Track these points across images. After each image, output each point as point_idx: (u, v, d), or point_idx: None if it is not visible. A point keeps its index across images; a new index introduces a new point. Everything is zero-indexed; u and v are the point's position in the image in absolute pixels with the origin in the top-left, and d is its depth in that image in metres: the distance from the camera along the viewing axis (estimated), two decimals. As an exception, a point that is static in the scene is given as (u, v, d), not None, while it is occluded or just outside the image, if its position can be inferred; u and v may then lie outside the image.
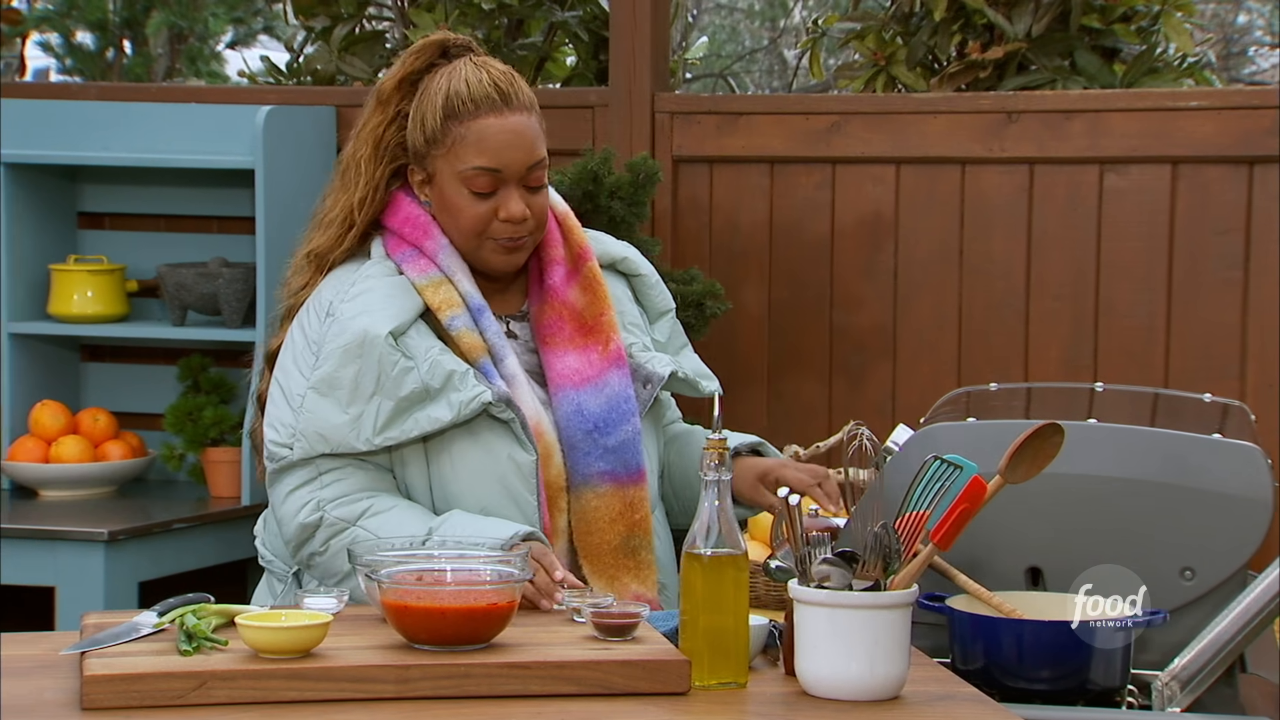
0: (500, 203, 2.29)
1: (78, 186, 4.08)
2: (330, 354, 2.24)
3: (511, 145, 2.28)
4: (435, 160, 2.30)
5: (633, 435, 2.29)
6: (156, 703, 1.86)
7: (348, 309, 2.26)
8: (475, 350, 2.27)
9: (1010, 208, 3.70)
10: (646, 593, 2.30)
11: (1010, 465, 2.07)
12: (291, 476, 2.27)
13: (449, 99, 2.28)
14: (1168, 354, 3.62)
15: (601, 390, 2.30)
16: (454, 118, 2.28)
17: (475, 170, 2.28)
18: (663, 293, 2.47)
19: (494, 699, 1.90)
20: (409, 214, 2.33)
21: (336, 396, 2.23)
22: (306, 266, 2.36)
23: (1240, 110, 3.57)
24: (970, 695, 1.97)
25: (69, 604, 3.52)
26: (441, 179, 2.30)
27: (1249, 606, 2.21)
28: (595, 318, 2.34)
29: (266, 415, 2.30)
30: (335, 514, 2.24)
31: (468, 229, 2.30)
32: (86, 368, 4.11)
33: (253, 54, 7.56)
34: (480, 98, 2.28)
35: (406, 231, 2.32)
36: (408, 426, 2.22)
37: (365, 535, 2.22)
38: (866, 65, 4.18)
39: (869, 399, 3.76)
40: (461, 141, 2.28)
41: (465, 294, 2.29)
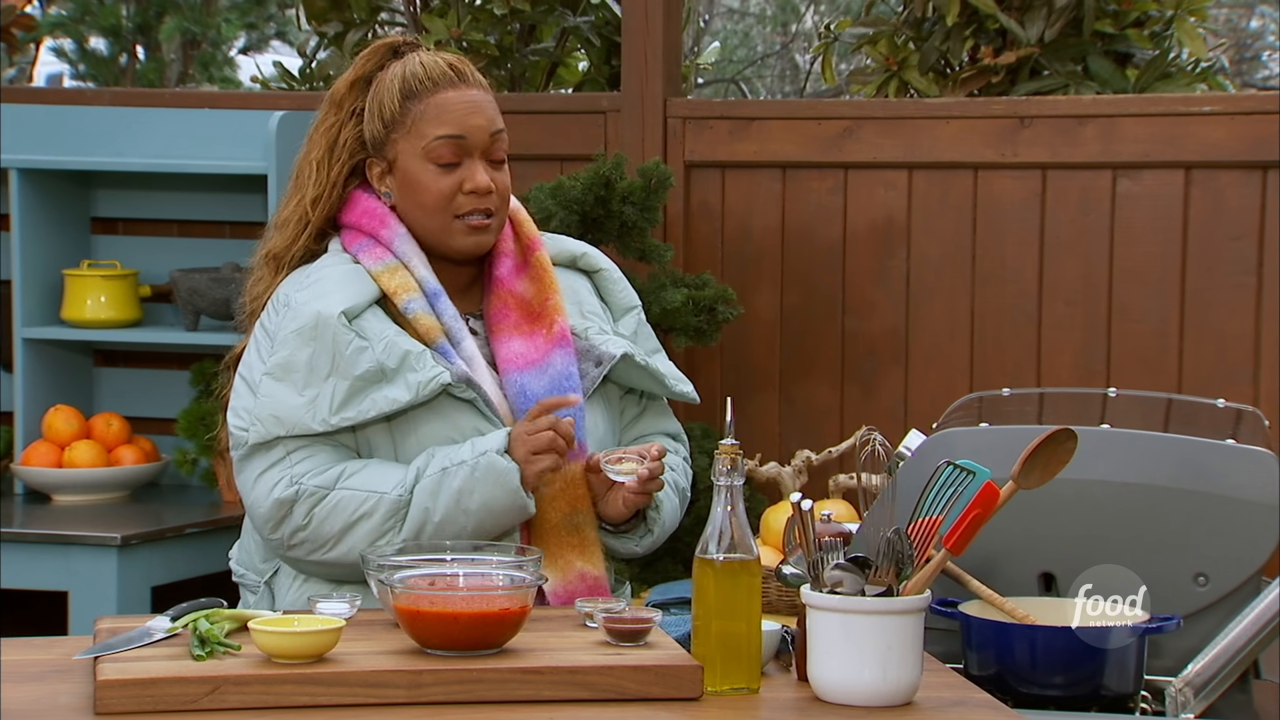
0: (465, 175, 2.31)
1: (91, 192, 4.09)
2: (285, 339, 2.26)
3: (473, 113, 2.31)
4: (396, 144, 2.32)
5: (573, 412, 2.29)
6: (170, 707, 1.86)
7: (302, 296, 2.28)
8: (432, 332, 2.28)
9: (1023, 213, 3.70)
10: (592, 570, 2.29)
11: (1023, 471, 2.07)
12: (257, 460, 2.27)
13: (405, 80, 2.32)
14: (1181, 359, 3.61)
15: (545, 371, 2.31)
16: (412, 97, 2.31)
17: (439, 140, 2.30)
18: (626, 289, 2.48)
19: (506, 704, 1.90)
20: (365, 207, 2.35)
21: (292, 380, 2.24)
22: (265, 269, 2.39)
23: (1253, 115, 3.57)
24: (983, 701, 1.97)
25: (82, 608, 3.53)
26: (404, 160, 2.32)
27: (1263, 612, 2.21)
28: (541, 303, 2.36)
29: (230, 406, 2.32)
30: (312, 483, 2.24)
31: (434, 205, 2.31)
32: (100, 373, 4.12)
33: (265, 59, 7.58)
34: (437, 75, 2.32)
35: (363, 223, 2.34)
36: (365, 407, 2.23)
37: (348, 493, 2.23)
38: (879, 70, 4.18)
39: (881, 404, 3.76)
40: (422, 117, 2.30)
41: (421, 279, 2.31)
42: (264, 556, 2.38)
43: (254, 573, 2.39)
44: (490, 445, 2.22)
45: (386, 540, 2.22)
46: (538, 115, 3.90)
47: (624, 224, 3.59)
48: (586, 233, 3.57)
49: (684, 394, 2.43)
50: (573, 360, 2.33)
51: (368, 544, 2.21)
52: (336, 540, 2.24)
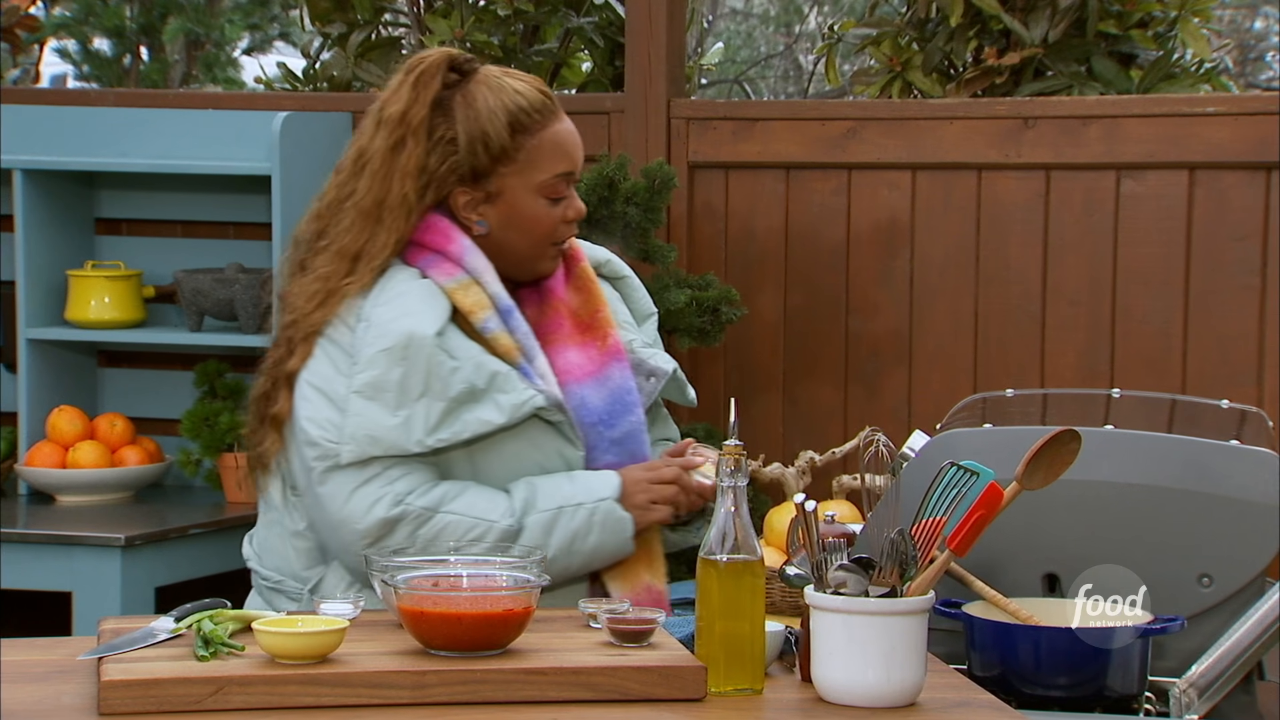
0: (567, 205, 2.32)
1: (95, 193, 4.09)
2: (373, 359, 2.21)
3: (578, 145, 2.34)
4: (504, 178, 2.28)
5: (637, 427, 2.30)
6: (173, 708, 1.86)
7: (383, 313, 2.23)
8: (511, 352, 2.26)
9: (1027, 213, 3.69)
10: (658, 584, 2.30)
11: (1027, 471, 2.07)
12: (347, 475, 2.21)
13: (512, 114, 2.28)
14: (1185, 360, 3.61)
15: (604, 384, 2.31)
16: (523, 131, 2.28)
17: (558, 177, 2.30)
18: (645, 296, 2.49)
19: (510, 705, 1.90)
20: (429, 223, 2.30)
21: (384, 400, 2.20)
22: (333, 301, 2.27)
23: (1257, 116, 3.56)
24: (987, 702, 1.97)
25: (86, 609, 3.53)
26: (512, 194, 2.29)
27: (1267, 613, 2.21)
28: (591, 315, 2.36)
29: (305, 415, 2.24)
30: (419, 504, 2.20)
31: (543, 236, 2.31)
32: (103, 373, 4.12)
33: (269, 60, 7.58)
34: (540, 106, 2.30)
35: (427, 239, 2.29)
36: (458, 428, 2.21)
37: (455, 518, 2.20)
38: (882, 71, 4.18)
39: (885, 405, 3.76)
40: (537, 151, 2.29)
41: (494, 295, 2.28)
42: (307, 564, 2.33)
43: (295, 580, 2.34)
44: (606, 491, 2.22)
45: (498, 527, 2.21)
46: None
47: (627, 224, 3.59)
48: (590, 233, 3.57)
49: (692, 400, 2.47)
50: (629, 374, 2.34)
51: None
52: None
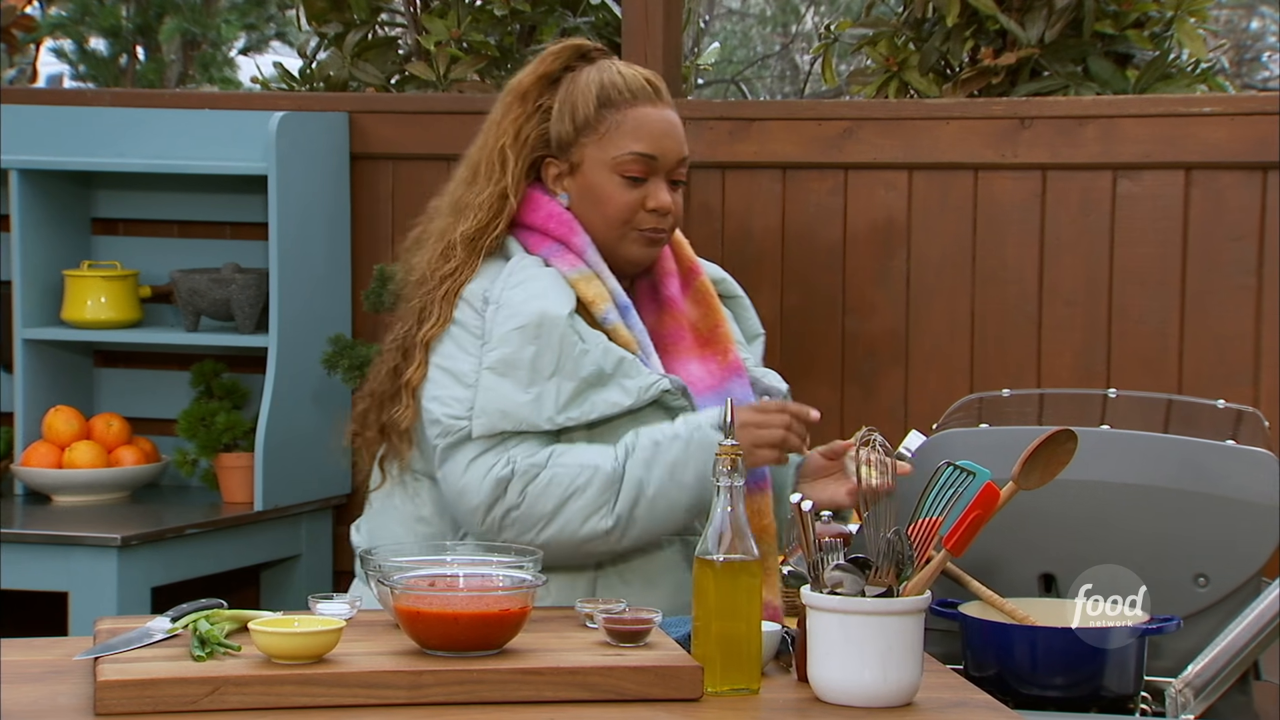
0: (649, 192, 2.32)
1: (91, 192, 4.09)
2: (505, 337, 2.24)
3: (667, 135, 2.33)
4: (584, 148, 2.32)
5: None
6: (170, 708, 1.86)
7: (515, 295, 2.26)
8: (630, 344, 2.29)
9: (1023, 214, 3.70)
10: (773, 600, 2.29)
11: (1023, 471, 2.07)
12: (470, 447, 2.23)
13: (604, 88, 2.31)
14: (1181, 360, 3.61)
15: (724, 398, 2.28)
16: (610, 105, 2.31)
17: (632, 155, 2.31)
18: (754, 317, 2.50)
19: (506, 705, 1.90)
20: (550, 211, 2.33)
21: (515, 377, 2.23)
22: (461, 250, 2.32)
23: (1254, 116, 3.56)
24: (984, 702, 1.97)
25: (82, 609, 3.53)
26: (589, 167, 2.32)
27: (1263, 613, 2.21)
28: (711, 329, 2.37)
29: (432, 395, 2.26)
30: (526, 463, 2.22)
31: (614, 217, 2.32)
32: (100, 373, 4.11)
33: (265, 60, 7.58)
34: (636, 88, 2.32)
35: (550, 228, 2.32)
36: (586, 408, 2.23)
37: (562, 470, 2.21)
38: (879, 71, 4.18)
39: (881, 405, 3.76)
40: (617, 128, 2.31)
41: (612, 290, 2.31)
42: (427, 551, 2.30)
43: None
44: (704, 419, 2.22)
45: (600, 516, 2.20)
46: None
47: (624, 225, 3.59)
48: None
49: None
50: (749, 391, 2.35)
51: (581, 521, 2.20)
52: (549, 518, 2.21)
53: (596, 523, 2.20)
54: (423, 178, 3.99)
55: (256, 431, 3.75)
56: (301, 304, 3.81)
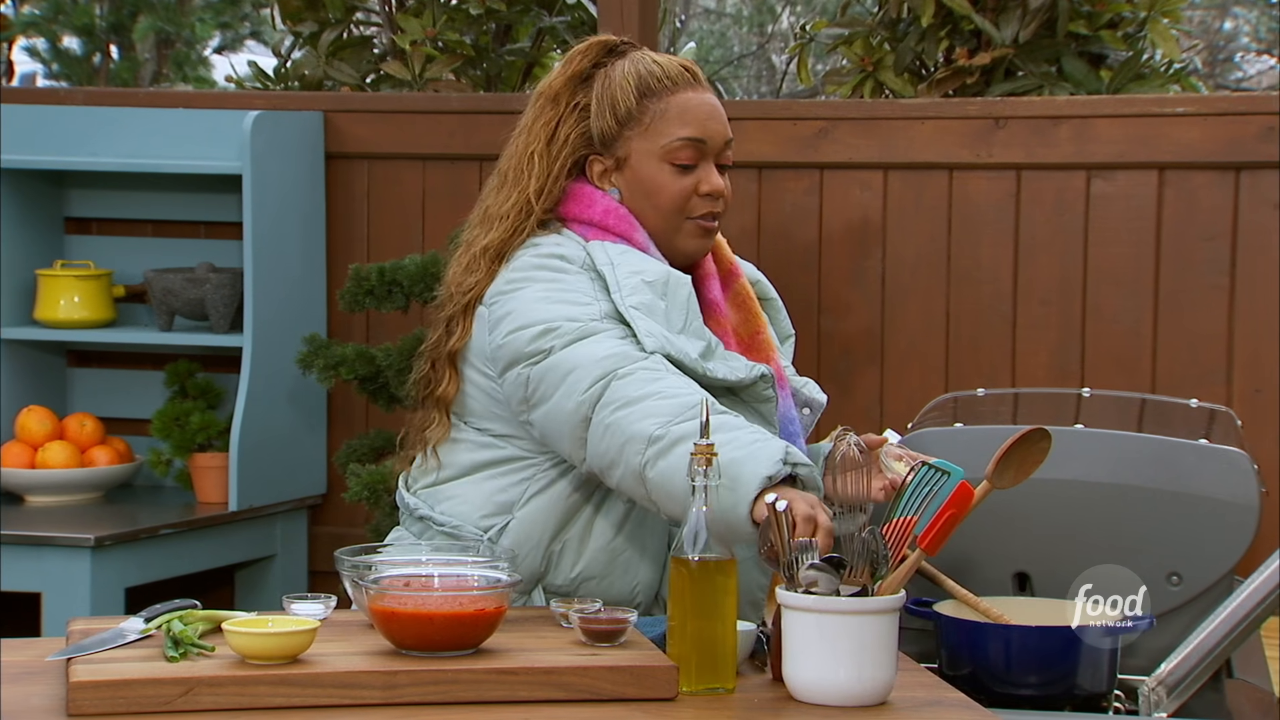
0: (701, 177, 2.30)
1: (65, 192, 4.07)
2: (635, 286, 2.19)
3: (712, 118, 2.31)
4: (629, 142, 2.29)
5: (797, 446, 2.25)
6: (143, 709, 1.85)
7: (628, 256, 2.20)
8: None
9: (998, 213, 3.71)
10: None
11: (998, 470, 2.07)
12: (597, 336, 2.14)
13: (643, 78, 2.29)
14: (1155, 359, 3.62)
15: None
16: (651, 95, 2.28)
17: (681, 142, 2.28)
18: (786, 319, 2.48)
19: (481, 705, 1.90)
20: (607, 206, 2.29)
21: (655, 319, 2.19)
22: (482, 261, 2.29)
23: (1227, 116, 3.58)
24: (958, 701, 1.97)
25: (55, 610, 3.51)
26: (637, 159, 2.29)
27: (1235, 611, 2.22)
28: (752, 335, 2.35)
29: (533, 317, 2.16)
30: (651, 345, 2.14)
31: (669, 206, 2.29)
32: (73, 373, 4.10)
33: (240, 59, 7.56)
34: (675, 75, 2.30)
35: (610, 223, 2.29)
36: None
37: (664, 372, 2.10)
38: (854, 71, 4.19)
39: (857, 404, 3.76)
40: (662, 116, 2.28)
41: None
42: (487, 511, 2.27)
43: (474, 527, 2.27)
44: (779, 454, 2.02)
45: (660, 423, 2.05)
46: (514, 116, 3.88)
47: (600, 224, 3.58)
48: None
49: None
50: (792, 403, 2.32)
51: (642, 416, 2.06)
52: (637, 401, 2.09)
53: (651, 427, 2.06)
54: (398, 177, 3.98)
55: (231, 431, 3.74)
56: (276, 304, 3.80)
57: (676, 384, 2.11)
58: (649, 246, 2.28)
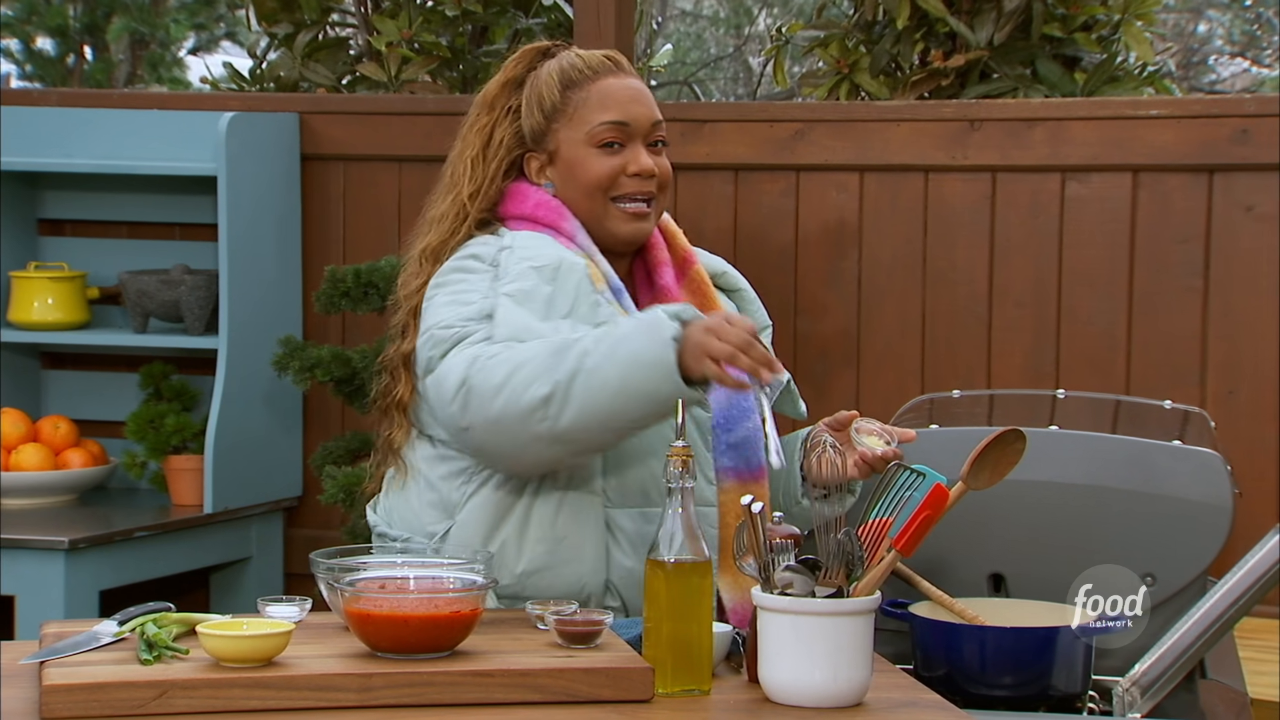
0: (628, 158, 2.32)
1: (38, 193, 4.05)
2: (522, 273, 2.23)
3: (634, 100, 2.34)
4: (557, 134, 2.33)
5: (753, 432, 2.29)
6: (117, 712, 1.84)
7: (531, 242, 2.25)
8: None
9: (973, 215, 3.72)
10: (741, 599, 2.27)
11: (972, 471, 2.08)
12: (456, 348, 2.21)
13: (565, 71, 2.33)
14: (1129, 361, 3.64)
15: (721, 389, 2.26)
16: (573, 86, 2.33)
17: (603, 125, 2.31)
18: (761, 309, 2.49)
19: (457, 707, 1.90)
20: (538, 200, 2.34)
21: (532, 307, 2.21)
22: (421, 264, 2.34)
23: (1200, 119, 3.59)
24: (933, 702, 1.98)
25: (29, 613, 3.50)
26: (566, 149, 2.32)
27: (1209, 612, 2.23)
28: None
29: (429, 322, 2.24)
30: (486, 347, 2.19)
31: (594, 186, 2.31)
32: (47, 375, 4.08)
33: (215, 60, 7.54)
34: (596, 64, 2.34)
35: (540, 215, 2.32)
36: None
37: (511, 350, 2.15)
38: (830, 73, 4.20)
39: (833, 405, 3.74)
40: (585, 104, 2.32)
41: (605, 273, 2.31)
42: (435, 518, 2.30)
43: (422, 535, 2.31)
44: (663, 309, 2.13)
45: (541, 383, 2.11)
46: (489, 117, 3.89)
47: (576, 226, 3.58)
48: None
49: (803, 413, 2.44)
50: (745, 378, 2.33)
51: (525, 387, 2.11)
52: (499, 388, 2.14)
53: (536, 390, 2.11)
54: (374, 179, 3.98)
55: (206, 433, 3.73)
56: (252, 305, 3.79)
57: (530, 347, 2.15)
58: (575, 234, 2.31)
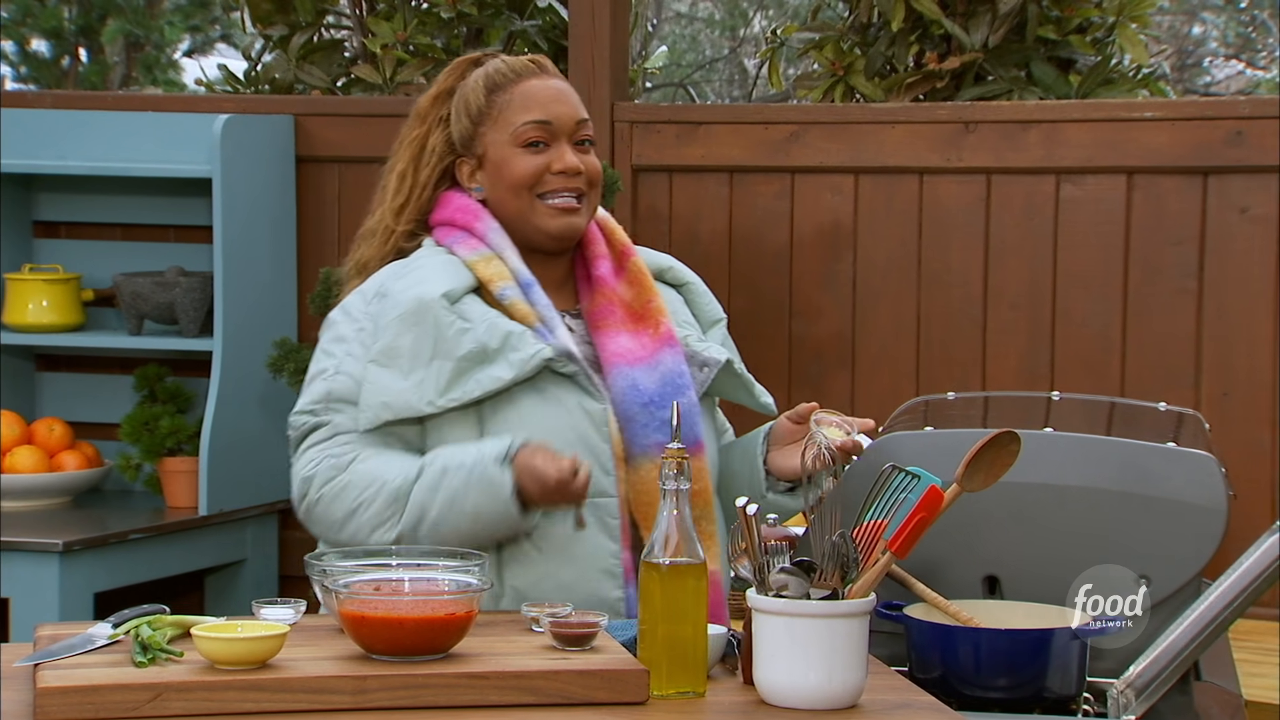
0: (553, 156, 2.35)
1: (33, 195, 4.05)
2: (387, 326, 2.28)
3: (557, 100, 2.36)
4: (484, 137, 2.36)
5: (689, 408, 2.32)
6: (111, 714, 1.84)
7: (399, 285, 2.31)
8: (528, 318, 2.31)
9: (968, 217, 3.72)
10: (710, 563, 2.28)
11: (967, 473, 2.08)
12: (309, 439, 2.30)
13: (490, 76, 2.38)
14: (1124, 363, 3.64)
15: (655, 368, 2.33)
16: (497, 89, 2.37)
17: (527, 125, 2.34)
18: (712, 302, 2.51)
19: (451, 709, 1.90)
20: (458, 204, 2.38)
21: (398, 365, 2.26)
22: (355, 278, 2.41)
23: (1195, 121, 3.60)
24: (928, 704, 1.98)
25: (23, 615, 3.49)
26: (493, 151, 2.36)
27: (1203, 614, 2.23)
28: (643, 305, 2.39)
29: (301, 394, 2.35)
30: (330, 464, 2.27)
31: (520, 184, 2.34)
32: (42, 377, 4.08)
33: (210, 62, 7.54)
34: (519, 67, 2.38)
35: (455, 218, 2.37)
36: (470, 387, 2.25)
37: (356, 478, 2.25)
38: (825, 75, 4.20)
39: (828, 407, 3.77)
40: (508, 106, 2.35)
41: (514, 269, 2.33)
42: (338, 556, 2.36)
43: None
44: (492, 451, 2.22)
45: (386, 528, 2.23)
46: (484, 119, 3.89)
47: (571, 228, 3.58)
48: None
49: (766, 406, 2.47)
50: (682, 359, 2.36)
51: (369, 532, 2.24)
52: (342, 524, 2.26)
53: (382, 534, 2.24)
54: (369, 181, 3.95)
55: (201, 436, 3.73)
56: (246, 307, 3.79)
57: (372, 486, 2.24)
58: (487, 234, 2.34)
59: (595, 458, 2.27)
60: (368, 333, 2.30)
